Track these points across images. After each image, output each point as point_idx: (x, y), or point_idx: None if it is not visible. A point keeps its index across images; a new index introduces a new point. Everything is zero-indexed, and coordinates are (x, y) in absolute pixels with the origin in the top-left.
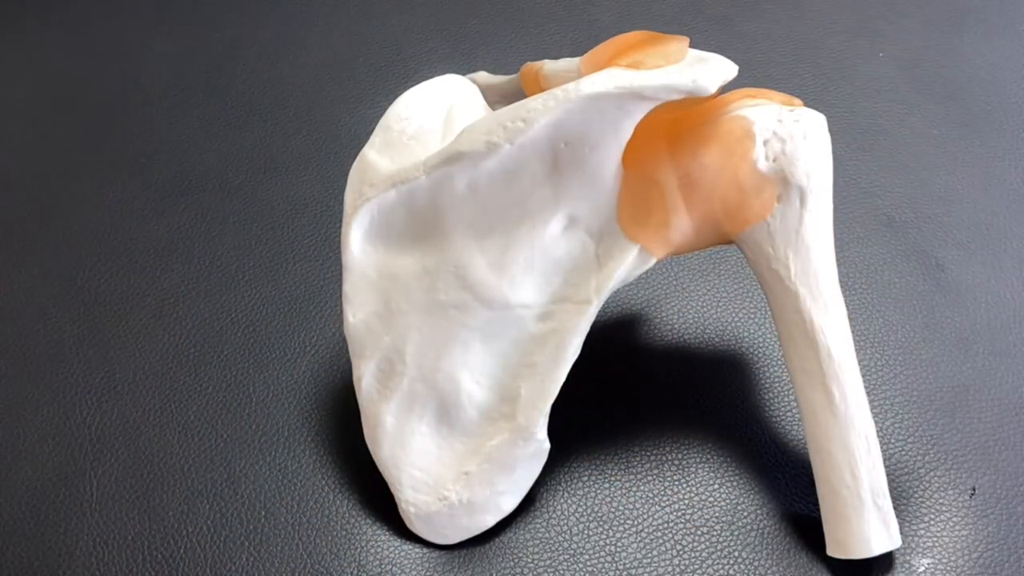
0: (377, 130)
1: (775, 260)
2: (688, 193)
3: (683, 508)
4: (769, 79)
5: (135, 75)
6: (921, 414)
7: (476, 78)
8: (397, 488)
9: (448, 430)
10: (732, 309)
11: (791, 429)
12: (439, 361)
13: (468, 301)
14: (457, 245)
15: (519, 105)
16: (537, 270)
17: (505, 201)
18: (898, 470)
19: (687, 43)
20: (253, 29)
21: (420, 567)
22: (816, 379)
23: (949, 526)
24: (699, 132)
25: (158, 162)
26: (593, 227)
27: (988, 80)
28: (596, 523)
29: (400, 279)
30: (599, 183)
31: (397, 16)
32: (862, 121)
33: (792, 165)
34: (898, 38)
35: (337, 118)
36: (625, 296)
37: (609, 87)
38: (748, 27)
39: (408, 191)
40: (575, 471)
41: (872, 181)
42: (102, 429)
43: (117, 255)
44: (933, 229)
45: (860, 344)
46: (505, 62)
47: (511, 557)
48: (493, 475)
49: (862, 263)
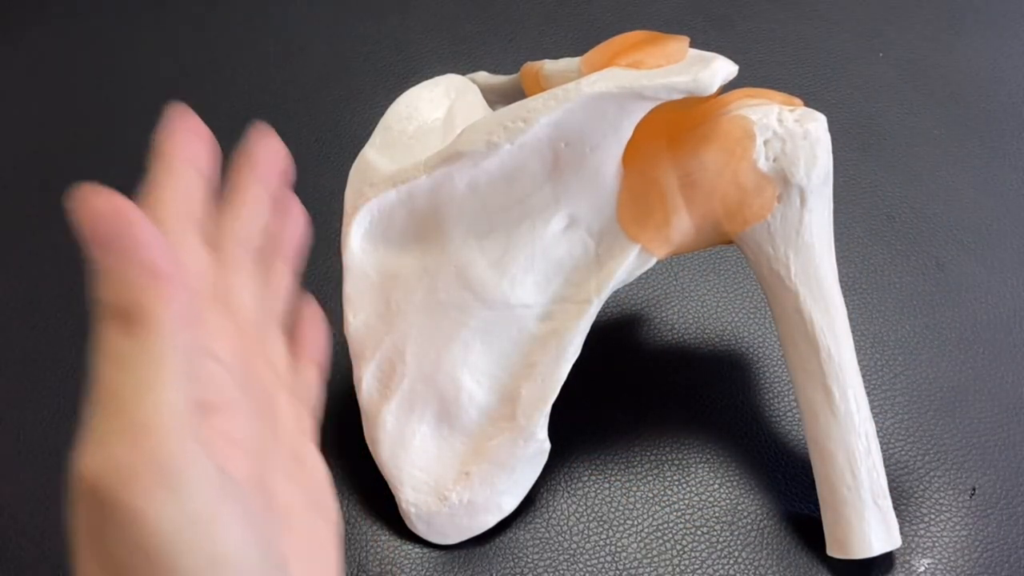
0: (377, 130)
1: (775, 260)
2: (688, 193)
3: (683, 508)
4: (769, 79)
5: (135, 75)
6: (921, 414)
7: (476, 78)
8: (397, 488)
9: (448, 430)
10: (732, 309)
11: (791, 429)
12: (440, 361)
13: (469, 301)
14: (457, 245)
15: (519, 105)
16: (537, 270)
17: (505, 201)
18: (898, 470)
19: (687, 43)
20: (253, 30)
21: (420, 567)
22: (816, 379)
23: (949, 526)
24: (699, 132)
25: None
26: (593, 227)
27: (988, 80)
28: (596, 523)
29: (400, 279)
30: (599, 183)
31: (397, 16)
32: (862, 121)
33: (792, 165)
34: (898, 38)
35: (337, 118)
36: (625, 296)
37: (610, 87)
38: (748, 27)
39: (408, 191)
40: (575, 471)
41: (872, 181)
42: None
43: None
44: (933, 229)
45: (860, 344)
46: (505, 62)
47: (511, 557)
48: (493, 475)
49: (862, 263)
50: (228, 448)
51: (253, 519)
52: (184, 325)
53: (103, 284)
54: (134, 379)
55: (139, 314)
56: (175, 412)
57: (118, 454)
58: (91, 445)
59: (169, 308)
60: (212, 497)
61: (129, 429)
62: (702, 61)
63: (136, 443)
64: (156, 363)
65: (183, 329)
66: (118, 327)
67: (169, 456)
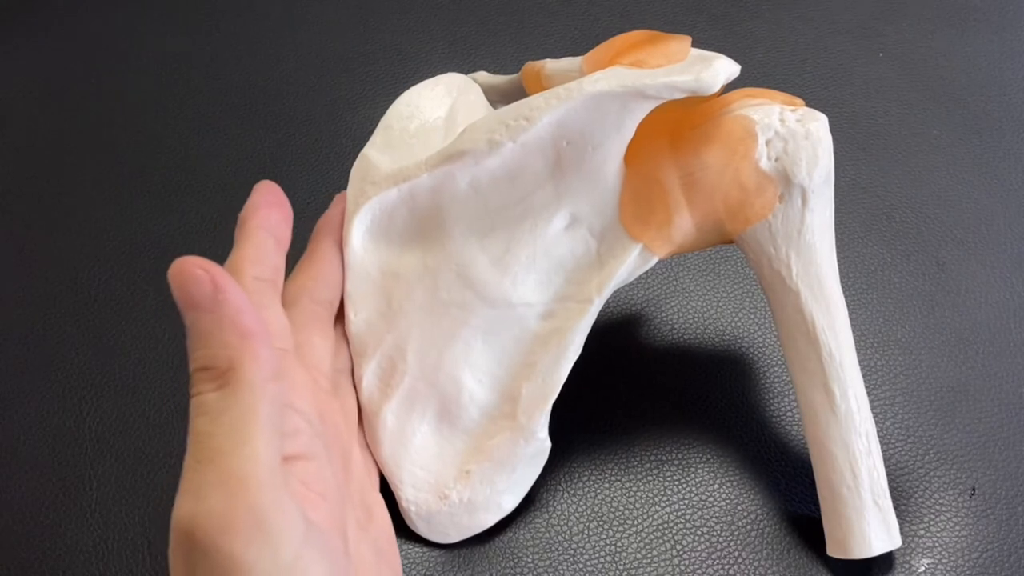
0: (378, 129)
1: (776, 260)
2: (690, 192)
3: (683, 508)
4: (770, 79)
5: (136, 75)
6: (921, 414)
7: (477, 78)
8: (398, 487)
9: (449, 429)
10: (732, 309)
11: (791, 429)
12: (440, 360)
13: (470, 299)
14: (459, 243)
15: (521, 103)
16: (539, 268)
17: (507, 199)
18: (898, 470)
19: (689, 42)
20: (253, 29)
21: (420, 567)
22: (817, 379)
23: (949, 526)
24: (701, 131)
25: (158, 162)
26: (595, 226)
27: (988, 80)
28: (596, 523)
29: (402, 278)
30: (601, 182)
31: (397, 16)
32: (862, 121)
33: (794, 164)
34: (898, 38)
35: (337, 118)
36: (625, 296)
37: (612, 85)
38: (748, 27)
39: (410, 189)
40: (575, 471)
41: (872, 181)
42: (102, 429)
43: (117, 255)
44: (933, 229)
45: (860, 344)
46: (505, 62)
47: (511, 557)
48: (494, 474)
49: (862, 263)
50: (311, 496)
51: (336, 565)
52: (271, 380)
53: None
54: (228, 432)
55: (231, 371)
56: (267, 463)
57: (216, 504)
58: (189, 495)
59: (259, 365)
60: (300, 543)
61: (225, 480)
62: (704, 61)
63: (233, 493)
64: (248, 417)
65: (270, 384)
66: (212, 384)
67: (263, 506)
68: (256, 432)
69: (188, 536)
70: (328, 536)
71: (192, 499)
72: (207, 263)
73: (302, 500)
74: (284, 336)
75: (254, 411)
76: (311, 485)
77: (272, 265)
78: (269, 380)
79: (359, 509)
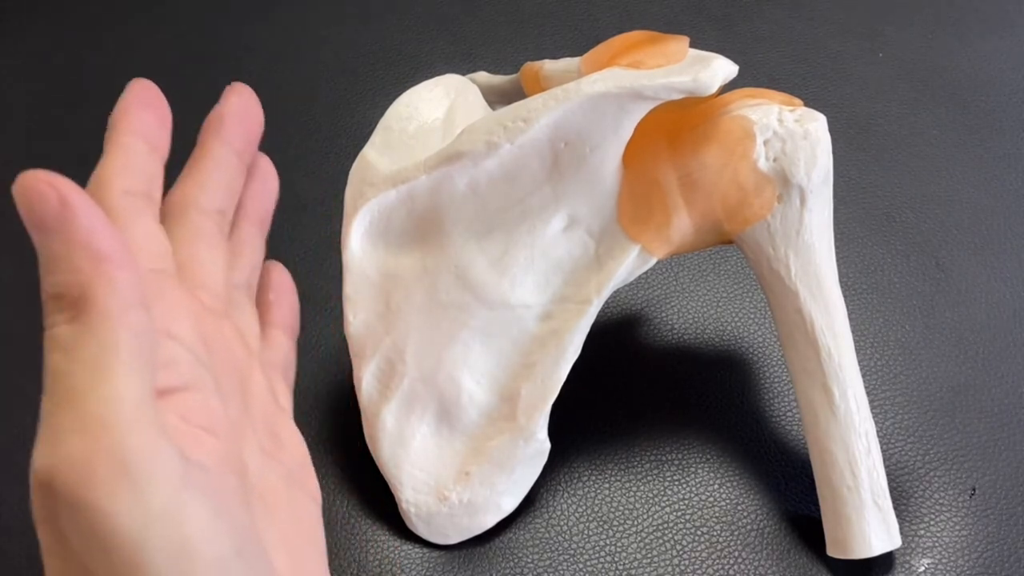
0: (377, 130)
1: (775, 260)
2: (688, 192)
3: (683, 508)
4: (769, 79)
5: (136, 76)
6: (921, 414)
7: (476, 78)
8: (397, 488)
9: (448, 430)
10: (732, 309)
11: (791, 429)
12: (440, 361)
13: (469, 301)
14: (457, 245)
15: (519, 105)
16: (537, 270)
17: (505, 201)
18: (898, 470)
19: (687, 43)
20: (253, 30)
21: (420, 567)
22: (816, 379)
23: (949, 526)
24: (699, 131)
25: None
26: (593, 227)
27: (988, 80)
28: (596, 523)
29: (401, 279)
30: (599, 183)
31: (397, 16)
32: (862, 121)
33: (792, 164)
34: (898, 38)
35: (337, 118)
36: (625, 296)
37: (610, 86)
38: (748, 27)
39: (408, 191)
40: (575, 471)
41: (872, 181)
42: None
43: None
44: (933, 229)
45: (860, 344)
46: (505, 62)
47: (511, 557)
48: (493, 475)
49: (862, 263)
50: (194, 432)
51: (224, 506)
52: (134, 308)
53: (46, 270)
54: (85, 369)
55: (84, 300)
56: (131, 402)
57: (74, 450)
58: (46, 442)
59: (115, 291)
60: (177, 488)
61: (84, 423)
62: (702, 61)
63: (92, 437)
64: (106, 351)
65: (133, 312)
66: (65, 315)
67: (128, 449)
68: (116, 367)
69: (48, 488)
70: (214, 474)
71: (49, 447)
72: (56, 177)
73: (181, 438)
74: (160, 255)
75: (113, 344)
76: (193, 419)
77: (145, 175)
78: (131, 308)
79: (264, 437)
